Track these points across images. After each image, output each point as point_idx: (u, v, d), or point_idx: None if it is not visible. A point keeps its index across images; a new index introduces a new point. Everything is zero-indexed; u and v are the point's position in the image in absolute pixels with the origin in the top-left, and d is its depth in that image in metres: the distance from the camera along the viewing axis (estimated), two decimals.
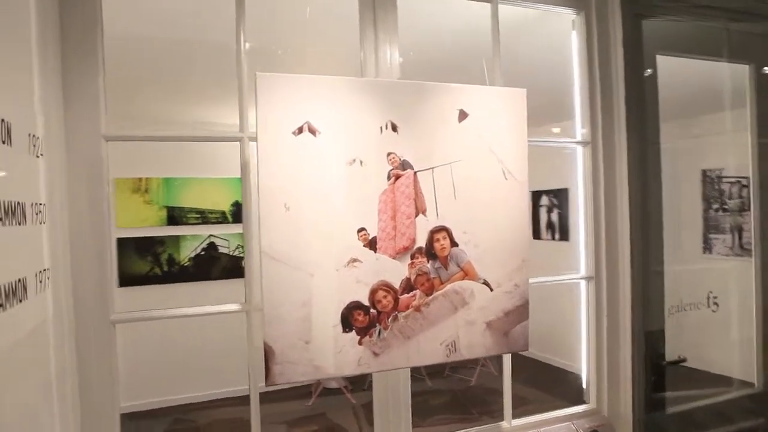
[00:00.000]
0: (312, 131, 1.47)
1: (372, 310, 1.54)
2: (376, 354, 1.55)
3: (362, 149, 1.52)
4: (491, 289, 1.67)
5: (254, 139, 1.49)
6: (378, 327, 1.55)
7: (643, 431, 2.07)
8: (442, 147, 1.60)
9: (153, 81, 3.60)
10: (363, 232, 1.53)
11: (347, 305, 1.52)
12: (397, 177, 1.56)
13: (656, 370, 2.18)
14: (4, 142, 0.93)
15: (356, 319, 1.52)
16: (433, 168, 1.59)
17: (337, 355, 1.51)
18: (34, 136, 1.12)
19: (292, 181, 1.45)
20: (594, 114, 2.08)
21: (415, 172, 1.58)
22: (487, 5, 1.92)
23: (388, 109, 1.54)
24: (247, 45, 1.64)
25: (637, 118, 2.08)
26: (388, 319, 1.56)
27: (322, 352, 1.49)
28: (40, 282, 1.12)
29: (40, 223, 1.14)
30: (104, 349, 1.49)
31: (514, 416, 1.98)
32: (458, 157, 1.62)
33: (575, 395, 2.25)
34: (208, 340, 4.99)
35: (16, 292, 0.96)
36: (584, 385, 2.16)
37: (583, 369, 2.17)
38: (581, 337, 2.16)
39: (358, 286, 1.53)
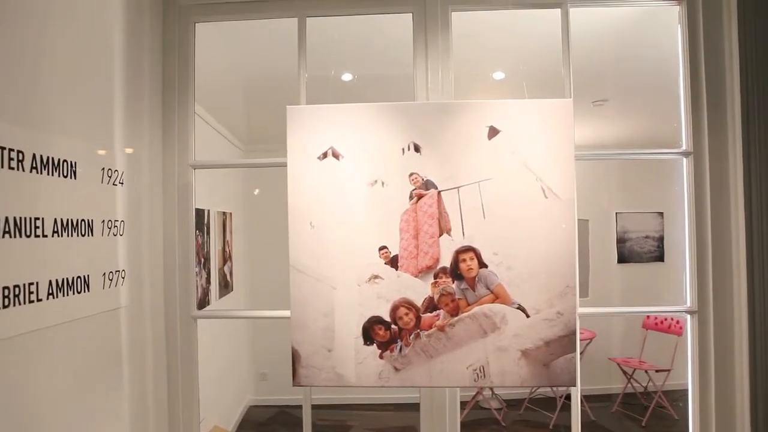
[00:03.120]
0: (335, 155, 1.59)
1: (393, 326, 1.58)
2: (397, 369, 1.58)
3: (384, 171, 1.58)
4: (527, 315, 1.55)
5: None
6: (399, 343, 1.58)
7: None
8: (470, 165, 1.56)
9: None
10: (384, 250, 1.58)
11: (368, 319, 1.59)
12: (420, 197, 1.58)
13: None
14: (66, 176, 1.29)
15: (377, 333, 1.59)
16: (458, 187, 1.57)
17: (359, 365, 1.59)
18: (110, 170, 1.49)
19: (317, 201, 1.59)
20: (698, 117, 1.74)
21: (439, 192, 1.57)
22: (581, 10, 1.80)
23: (411, 131, 1.58)
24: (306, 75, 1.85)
25: (764, 121, 1.68)
26: (409, 336, 1.58)
27: (344, 360, 1.59)
28: (110, 279, 1.48)
29: (115, 235, 1.51)
30: (188, 337, 1.84)
31: None
32: (487, 175, 1.56)
33: None
34: None
35: (72, 285, 1.31)
36: None
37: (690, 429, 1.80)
38: (688, 387, 1.80)
39: (380, 301, 1.59)
